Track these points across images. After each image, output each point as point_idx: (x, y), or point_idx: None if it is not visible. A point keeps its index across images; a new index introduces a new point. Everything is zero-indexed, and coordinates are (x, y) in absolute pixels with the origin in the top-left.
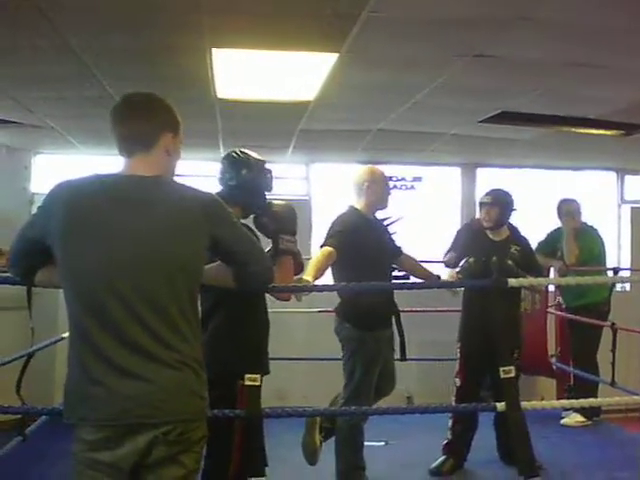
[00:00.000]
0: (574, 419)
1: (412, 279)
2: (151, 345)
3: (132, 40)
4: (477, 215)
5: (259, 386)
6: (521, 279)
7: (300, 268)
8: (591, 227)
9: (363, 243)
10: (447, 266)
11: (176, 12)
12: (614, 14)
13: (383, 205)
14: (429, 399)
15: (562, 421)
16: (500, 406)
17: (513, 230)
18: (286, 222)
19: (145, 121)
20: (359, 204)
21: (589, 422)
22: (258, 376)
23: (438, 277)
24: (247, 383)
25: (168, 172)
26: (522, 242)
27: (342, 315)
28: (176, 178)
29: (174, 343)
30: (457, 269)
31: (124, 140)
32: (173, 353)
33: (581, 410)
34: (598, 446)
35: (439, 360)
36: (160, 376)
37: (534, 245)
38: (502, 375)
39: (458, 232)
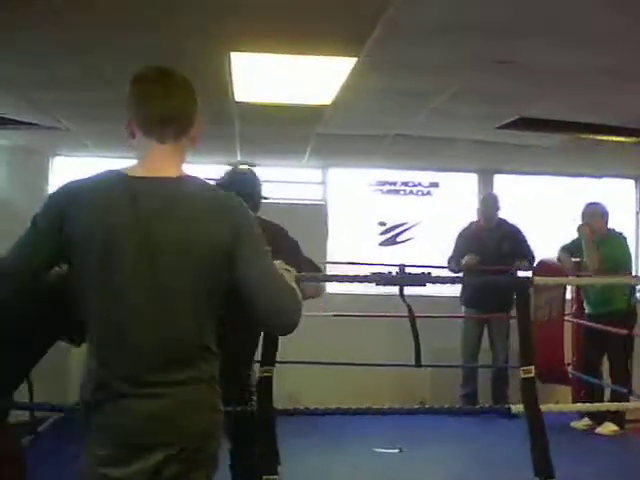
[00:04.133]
0: (608, 428)
1: None
2: (170, 364)
3: (150, 43)
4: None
5: (271, 377)
6: (546, 278)
7: None
8: (617, 233)
9: None
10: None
11: (195, 15)
12: (637, 21)
13: None
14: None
15: (597, 430)
16: (516, 408)
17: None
18: None
19: (187, 102)
20: None
21: (622, 431)
22: (272, 367)
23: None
24: (262, 375)
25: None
26: None
27: None
28: None
29: (193, 361)
30: None
31: (161, 121)
32: (192, 371)
33: (615, 419)
34: (614, 454)
35: (452, 367)
36: (176, 394)
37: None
38: (521, 375)
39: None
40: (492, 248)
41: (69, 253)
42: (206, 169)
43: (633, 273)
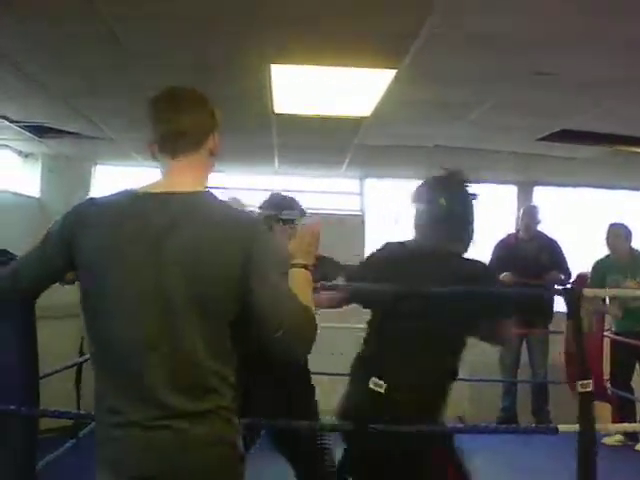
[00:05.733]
0: None
1: None
2: (178, 399)
3: (192, 55)
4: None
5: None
6: (596, 289)
7: None
8: None
9: None
10: None
11: (237, 28)
12: None
13: None
14: (480, 420)
15: (637, 447)
16: (562, 428)
17: None
18: None
19: (199, 115)
20: None
21: None
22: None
23: None
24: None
25: (208, 175)
26: None
27: None
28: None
29: (202, 392)
30: None
31: (172, 136)
32: (199, 403)
33: None
34: None
35: (490, 381)
36: (178, 427)
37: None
38: (579, 389)
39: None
40: (531, 259)
41: (77, 271)
42: (246, 179)
43: None
